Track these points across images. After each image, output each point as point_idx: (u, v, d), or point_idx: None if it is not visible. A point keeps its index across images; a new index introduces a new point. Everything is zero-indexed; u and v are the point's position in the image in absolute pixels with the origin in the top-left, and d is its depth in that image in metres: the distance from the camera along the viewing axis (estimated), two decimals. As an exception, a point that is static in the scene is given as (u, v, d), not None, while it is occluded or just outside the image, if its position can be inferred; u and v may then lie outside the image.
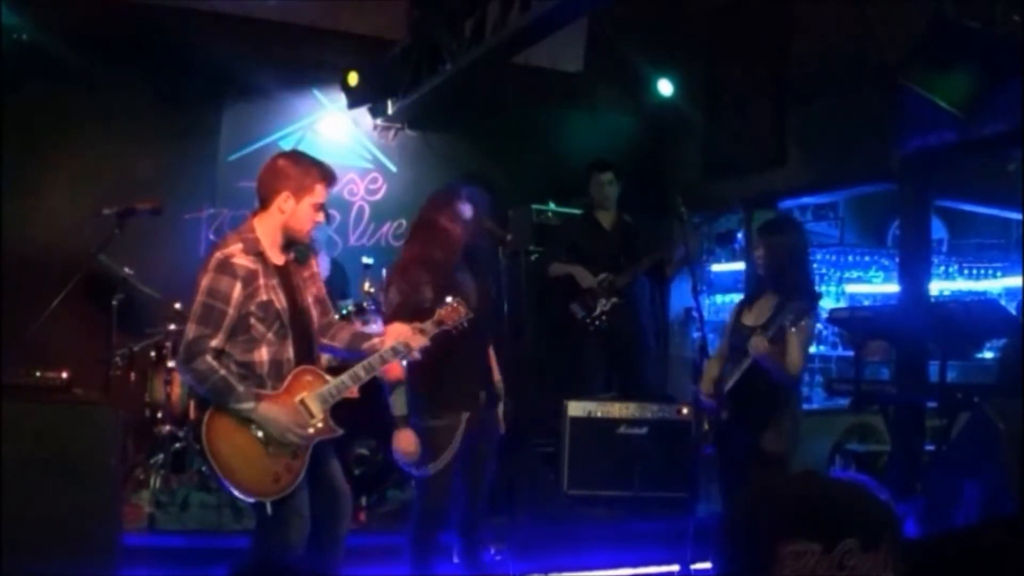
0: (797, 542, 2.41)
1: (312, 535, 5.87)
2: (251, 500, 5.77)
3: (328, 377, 5.95)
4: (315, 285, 6.18)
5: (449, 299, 6.30)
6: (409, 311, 6.52)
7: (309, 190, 5.88)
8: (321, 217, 6.03)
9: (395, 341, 6.11)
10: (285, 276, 5.96)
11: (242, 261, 5.76)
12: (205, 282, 5.75)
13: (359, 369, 5.99)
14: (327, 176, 5.99)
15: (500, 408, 7.07)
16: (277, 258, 5.95)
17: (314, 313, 6.12)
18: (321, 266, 6.85)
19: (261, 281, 5.79)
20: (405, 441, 6.50)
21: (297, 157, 6.11)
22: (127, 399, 8.97)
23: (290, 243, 6.00)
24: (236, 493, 5.73)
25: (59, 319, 8.01)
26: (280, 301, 5.85)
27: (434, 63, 10.45)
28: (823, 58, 10.52)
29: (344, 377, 5.96)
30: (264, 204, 5.94)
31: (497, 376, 7.12)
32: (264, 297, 5.78)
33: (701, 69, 12.34)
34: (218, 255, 5.79)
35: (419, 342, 6.12)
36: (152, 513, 8.10)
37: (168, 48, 10.60)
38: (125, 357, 9.00)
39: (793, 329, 6.95)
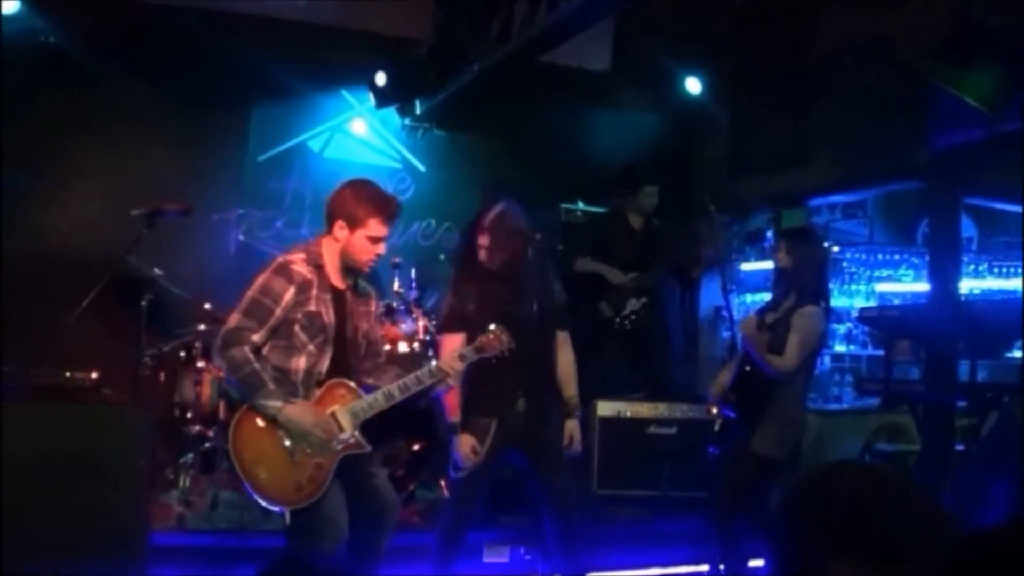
0: (847, 561, 2.37)
1: (352, 541, 5.92)
2: (273, 508, 5.82)
3: (362, 393, 5.98)
4: (368, 322, 6.24)
5: (492, 327, 6.28)
6: (457, 322, 6.60)
7: (363, 223, 5.95)
8: (380, 249, 6.07)
9: (433, 365, 6.16)
10: (340, 298, 6.05)
11: (300, 269, 5.90)
12: (260, 280, 5.89)
13: (394, 388, 6.03)
14: (383, 211, 6.02)
15: (572, 424, 7.01)
16: (337, 280, 6.05)
17: (361, 343, 6.18)
18: None
19: (314, 292, 5.90)
20: (464, 445, 6.56)
21: (360, 188, 6.15)
22: (156, 399, 9.00)
23: (350, 270, 6.08)
24: (258, 499, 5.77)
25: (89, 320, 8.05)
26: (328, 316, 5.94)
27: (461, 63, 10.43)
28: (850, 55, 10.47)
29: (378, 394, 6.01)
30: (327, 227, 6.06)
31: (570, 391, 7.07)
32: (313, 308, 5.88)
33: (727, 67, 12.31)
34: (279, 259, 5.97)
35: (455, 367, 6.14)
36: (181, 512, 8.12)
37: (195, 50, 10.59)
38: (155, 357, 9.02)
39: (793, 322, 7.01)
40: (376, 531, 6.13)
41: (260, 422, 5.77)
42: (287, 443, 5.75)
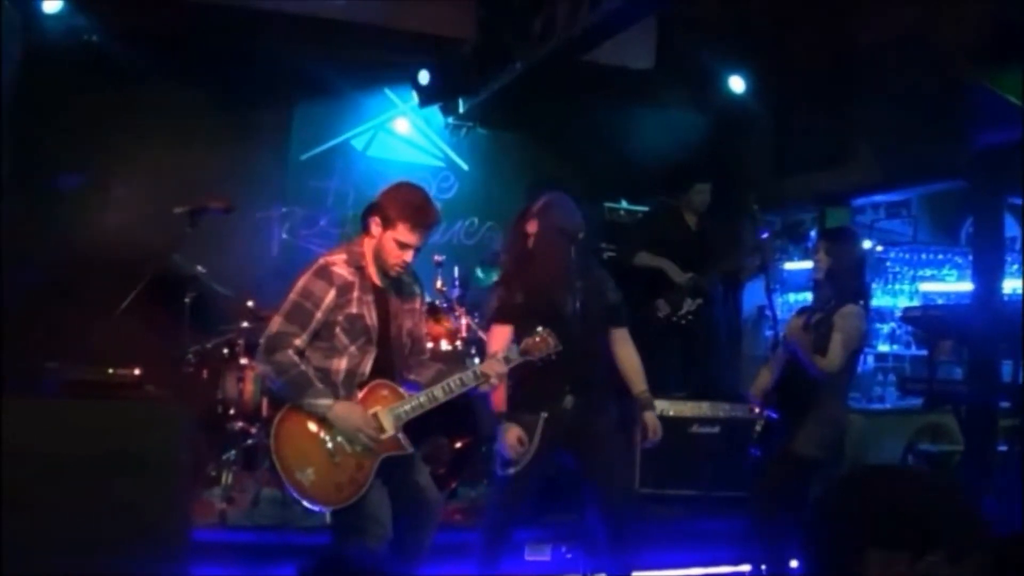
0: (884, 549, 2.36)
1: (395, 539, 5.90)
2: (314, 507, 5.85)
3: (405, 394, 5.99)
4: (412, 319, 6.24)
5: (539, 329, 6.19)
6: (507, 314, 6.59)
7: (392, 224, 5.92)
8: (407, 256, 6.02)
9: (476, 367, 6.16)
10: (382, 297, 6.05)
11: (341, 271, 5.90)
12: (302, 282, 5.89)
13: (437, 391, 6.00)
14: (412, 217, 5.95)
15: (649, 415, 6.98)
16: (379, 279, 6.05)
17: (405, 342, 6.18)
18: None
19: (355, 294, 5.90)
20: (510, 435, 6.46)
21: (402, 190, 6.13)
22: (199, 396, 9.01)
23: (384, 270, 6.06)
24: (298, 498, 5.79)
25: (132, 317, 8.09)
26: (371, 318, 5.94)
27: (504, 61, 10.42)
28: (892, 54, 10.42)
29: (421, 397, 5.99)
30: (368, 222, 6.04)
31: (640, 387, 6.99)
32: (355, 310, 5.89)
33: (770, 66, 12.26)
34: (321, 261, 5.97)
35: (498, 370, 6.13)
36: (223, 509, 8.12)
37: (237, 48, 10.66)
38: (198, 354, 9.03)
39: (835, 321, 6.99)
40: (419, 529, 6.12)
41: (303, 421, 5.79)
42: (329, 444, 5.76)
